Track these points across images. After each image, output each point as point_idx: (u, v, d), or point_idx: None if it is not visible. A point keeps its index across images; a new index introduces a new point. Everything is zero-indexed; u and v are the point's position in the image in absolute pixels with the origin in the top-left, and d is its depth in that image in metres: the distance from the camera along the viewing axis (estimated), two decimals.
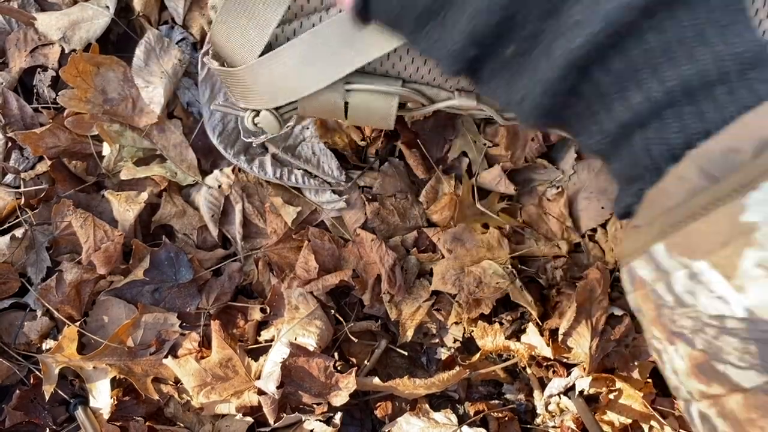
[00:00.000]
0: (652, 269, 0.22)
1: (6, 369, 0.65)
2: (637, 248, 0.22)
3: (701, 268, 0.20)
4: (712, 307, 0.20)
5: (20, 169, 0.67)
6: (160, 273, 0.67)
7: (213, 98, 0.64)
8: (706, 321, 0.20)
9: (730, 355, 0.20)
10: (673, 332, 0.22)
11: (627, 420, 0.67)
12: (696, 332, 0.21)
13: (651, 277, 0.22)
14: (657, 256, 0.22)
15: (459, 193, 0.70)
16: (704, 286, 0.20)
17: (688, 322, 0.21)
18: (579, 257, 0.73)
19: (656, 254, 0.22)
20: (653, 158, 0.22)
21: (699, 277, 0.20)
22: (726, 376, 0.20)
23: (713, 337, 0.20)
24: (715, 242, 0.20)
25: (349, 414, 0.70)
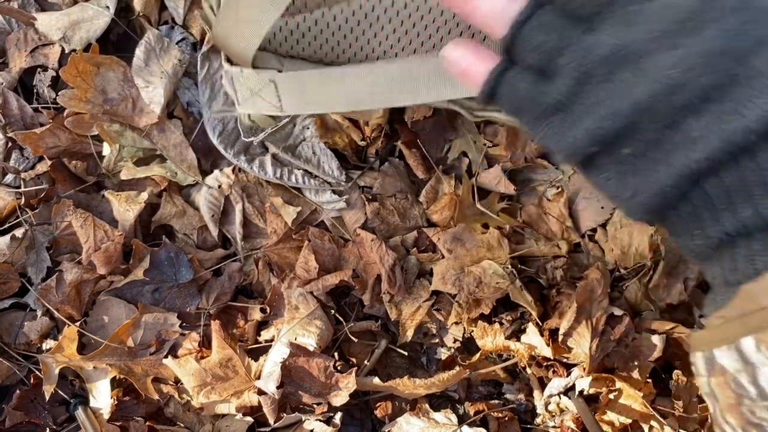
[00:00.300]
0: (737, 359, 0.24)
1: (6, 369, 0.65)
2: (726, 338, 0.24)
3: None
4: None
5: (20, 169, 0.67)
6: (160, 273, 0.67)
7: (213, 98, 0.64)
8: None
9: None
10: (750, 422, 0.24)
11: (627, 420, 0.67)
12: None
13: (735, 367, 0.24)
14: (746, 349, 0.23)
15: (459, 193, 0.70)
16: None
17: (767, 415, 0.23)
18: (579, 257, 0.73)
19: (745, 347, 0.23)
20: (756, 268, 0.23)
21: None
22: None
23: None
24: None
25: (349, 414, 0.70)
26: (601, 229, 0.73)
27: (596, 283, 0.66)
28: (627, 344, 0.69)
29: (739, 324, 0.23)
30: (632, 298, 0.72)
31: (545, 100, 0.27)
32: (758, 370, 0.23)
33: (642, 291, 0.71)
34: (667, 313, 0.72)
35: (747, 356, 0.23)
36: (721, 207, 0.24)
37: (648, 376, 0.69)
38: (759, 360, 0.23)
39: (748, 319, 0.23)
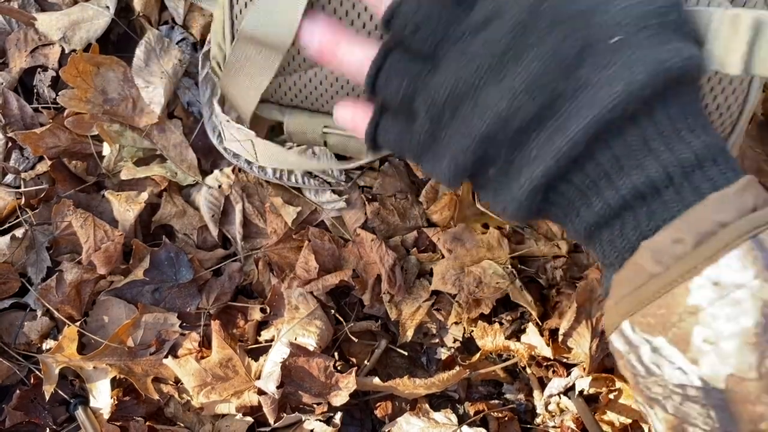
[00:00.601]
0: (623, 342, 0.26)
1: (6, 369, 0.65)
2: (612, 324, 0.26)
3: (660, 344, 0.24)
4: (675, 377, 0.23)
5: (20, 169, 0.67)
6: (160, 273, 0.67)
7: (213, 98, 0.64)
8: (672, 389, 0.24)
9: (697, 419, 0.23)
10: (649, 398, 0.25)
11: (627, 420, 0.67)
12: (666, 398, 0.24)
13: (624, 350, 0.26)
14: (625, 331, 0.25)
15: (459, 193, 0.70)
16: (665, 359, 0.24)
17: (659, 390, 0.24)
18: (579, 257, 0.73)
19: (625, 330, 0.25)
20: (618, 250, 0.26)
21: (660, 351, 0.24)
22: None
23: (679, 403, 0.24)
24: (669, 321, 0.23)
25: (349, 414, 0.70)
26: None
27: (596, 283, 0.66)
28: None
29: (615, 310, 0.26)
30: None
31: (414, 141, 0.29)
32: (639, 350, 0.25)
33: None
34: None
35: (629, 338, 0.25)
36: (578, 204, 0.26)
37: None
38: (637, 340, 0.25)
39: (620, 305, 0.25)
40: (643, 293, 0.24)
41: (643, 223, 0.24)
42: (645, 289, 0.24)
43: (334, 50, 0.31)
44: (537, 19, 0.25)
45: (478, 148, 0.27)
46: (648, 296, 0.24)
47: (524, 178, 0.26)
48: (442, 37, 0.27)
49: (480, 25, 0.26)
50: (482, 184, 0.29)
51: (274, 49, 0.41)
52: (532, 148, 0.26)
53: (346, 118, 0.33)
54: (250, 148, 0.52)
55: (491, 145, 0.26)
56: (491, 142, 0.26)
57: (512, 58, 0.25)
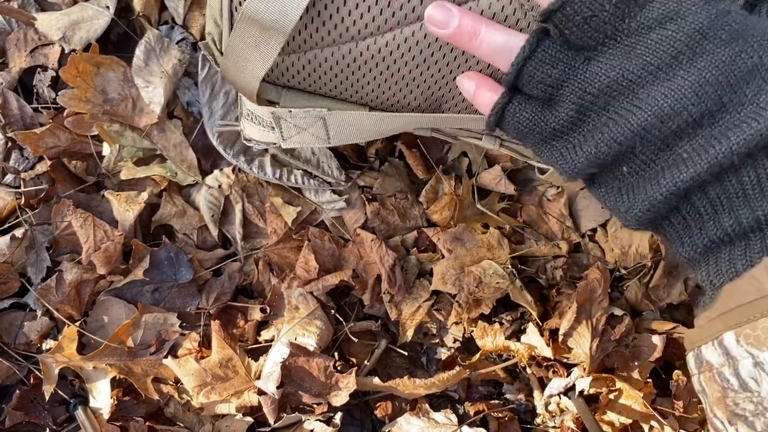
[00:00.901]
0: (720, 354, 0.26)
1: (6, 369, 0.65)
2: (710, 335, 0.26)
3: (766, 359, 0.24)
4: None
5: (20, 169, 0.67)
6: (160, 273, 0.67)
7: (213, 98, 0.64)
8: (766, 406, 0.24)
9: None
10: (735, 413, 0.25)
11: (627, 420, 0.67)
12: (757, 416, 0.24)
13: (719, 362, 0.26)
14: (728, 343, 0.25)
15: (459, 193, 0.70)
16: (767, 374, 0.24)
17: (750, 406, 0.24)
18: (579, 257, 0.73)
19: (727, 342, 0.25)
20: (736, 271, 0.26)
21: (763, 366, 0.24)
22: None
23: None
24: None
25: (349, 414, 0.70)
26: (601, 229, 0.73)
27: (596, 283, 0.66)
28: (627, 344, 0.69)
29: (720, 321, 0.26)
30: (632, 298, 0.72)
31: (548, 127, 0.30)
32: (739, 363, 0.25)
33: (642, 291, 0.71)
34: (667, 313, 0.72)
35: (729, 350, 0.25)
36: (707, 218, 0.26)
37: (648, 376, 0.69)
38: (739, 353, 0.25)
39: (728, 316, 0.25)
40: (757, 307, 0.24)
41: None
42: (760, 303, 0.24)
43: (476, 32, 0.32)
44: (718, 30, 0.25)
45: (628, 142, 0.27)
46: (762, 310, 0.24)
47: (667, 180, 0.26)
48: (614, 31, 0.27)
49: (654, 23, 0.26)
50: (607, 181, 0.29)
51: (277, 32, 0.40)
52: (682, 152, 0.26)
53: (469, 90, 0.34)
54: (320, 130, 0.49)
55: (642, 141, 0.26)
56: (643, 138, 0.26)
57: (685, 60, 0.25)
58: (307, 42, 0.42)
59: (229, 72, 0.44)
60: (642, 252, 0.71)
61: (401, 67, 0.43)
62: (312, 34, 0.41)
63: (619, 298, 0.72)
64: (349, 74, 0.44)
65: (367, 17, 0.40)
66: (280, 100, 0.48)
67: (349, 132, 0.49)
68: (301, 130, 0.49)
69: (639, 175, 0.28)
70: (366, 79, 0.45)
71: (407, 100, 0.46)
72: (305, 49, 0.43)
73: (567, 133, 0.29)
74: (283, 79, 0.46)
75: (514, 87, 0.31)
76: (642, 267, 0.71)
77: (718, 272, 0.27)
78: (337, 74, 0.44)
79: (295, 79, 0.46)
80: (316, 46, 0.43)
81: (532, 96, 0.31)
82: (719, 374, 0.26)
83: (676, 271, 0.71)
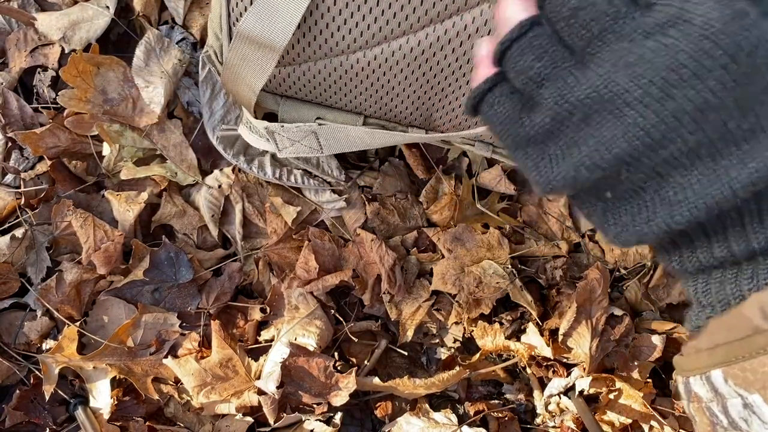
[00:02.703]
0: (708, 390, 0.25)
1: (6, 369, 0.65)
2: (697, 368, 0.25)
3: (755, 401, 0.22)
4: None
5: (20, 169, 0.67)
6: (160, 273, 0.67)
7: (213, 98, 0.64)
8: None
9: None
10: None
11: (627, 420, 0.67)
12: None
13: (707, 397, 0.25)
14: (715, 381, 0.24)
15: (459, 193, 0.70)
16: (758, 417, 0.23)
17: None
18: (579, 257, 0.73)
19: (714, 379, 0.24)
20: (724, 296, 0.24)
21: (753, 408, 0.23)
22: None
23: None
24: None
25: (349, 414, 0.70)
26: None
27: (596, 283, 0.66)
28: (627, 344, 0.69)
29: (707, 356, 0.24)
30: (632, 298, 0.72)
31: (522, 132, 0.26)
32: (728, 401, 0.24)
33: (642, 291, 0.71)
34: (667, 313, 0.72)
35: (717, 387, 0.24)
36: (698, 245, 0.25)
37: (648, 376, 0.69)
38: (727, 392, 0.23)
39: (715, 353, 0.24)
40: (746, 346, 0.22)
41: (762, 277, 0.23)
42: (749, 343, 0.22)
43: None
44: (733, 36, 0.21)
45: (610, 168, 0.23)
46: (751, 351, 0.22)
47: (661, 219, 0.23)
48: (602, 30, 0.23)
49: (656, 28, 0.22)
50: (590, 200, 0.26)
51: (271, 49, 0.42)
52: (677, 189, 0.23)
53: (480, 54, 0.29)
54: (312, 142, 0.51)
55: (627, 168, 0.23)
56: (629, 165, 0.23)
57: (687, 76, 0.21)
58: (301, 55, 0.44)
59: (228, 84, 0.47)
60: (642, 252, 0.71)
61: (390, 78, 0.45)
62: (305, 48, 0.44)
63: (619, 298, 0.72)
64: (342, 85, 0.46)
65: (355, 32, 0.42)
66: (278, 108, 0.50)
67: (340, 143, 0.51)
68: (294, 142, 0.52)
69: (626, 202, 0.24)
70: (358, 89, 0.47)
71: (399, 109, 0.48)
72: (299, 62, 0.45)
73: (544, 143, 0.25)
74: (281, 89, 0.49)
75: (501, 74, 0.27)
76: (642, 267, 0.71)
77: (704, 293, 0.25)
78: (331, 85, 0.47)
79: (292, 89, 0.48)
80: (309, 59, 0.45)
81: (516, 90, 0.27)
82: (708, 409, 0.25)
83: None
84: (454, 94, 0.46)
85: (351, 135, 0.50)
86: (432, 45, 0.42)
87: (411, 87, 0.45)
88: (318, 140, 0.51)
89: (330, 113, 0.49)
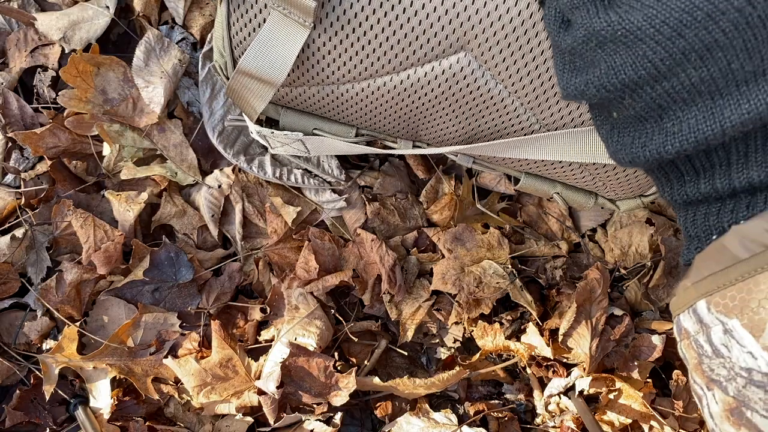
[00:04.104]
0: (695, 322, 0.26)
1: (6, 369, 0.65)
2: (686, 303, 0.27)
3: (734, 326, 0.24)
4: (742, 360, 0.24)
5: (20, 169, 0.67)
6: (160, 273, 0.67)
7: (213, 98, 0.64)
8: (738, 371, 0.24)
9: (757, 404, 0.23)
10: (711, 379, 0.26)
11: (627, 420, 0.67)
12: (729, 380, 0.25)
13: (694, 329, 0.27)
14: (700, 311, 0.26)
15: (459, 193, 0.70)
16: (736, 341, 0.24)
17: (723, 371, 0.25)
18: (579, 257, 0.73)
19: (699, 310, 0.26)
20: (708, 227, 0.26)
21: (732, 333, 0.24)
22: (753, 423, 0.24)
23: (743, 387, 0.24)
24: (747, 306, 0.23)
25: (349, 414, 0.70)
26: (600, 229, 0.73)
27: (596, 283, 0.66)
28: (627, 344, 0.69)
29: (693, 289, 0.26)
30: (632, 298, 0.72)
31: (561, 42, 0.28)
32: (711, 330, 0.25)
33: (642, 291, 0.71)
34: (667, 313, 0.72)
35: (702, 317, 0.26)
36: (687, 179, 0.26)
37: (648, 376, 0.69)
38: (711, 320, 0.25)
39: (700, 284, 0.26)
40: (726, 275, 0.24)
41: (741, 211, 0.25)
42: (729, 272, 0.24)
43: None
44: None
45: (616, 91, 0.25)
46: (731, 279, 0.24)
47: (651, 147, 0.25)
48: None
49: None
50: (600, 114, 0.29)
51: (269, 83, 0.47)
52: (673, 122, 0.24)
53: None
54: (300, 146, 0.57)
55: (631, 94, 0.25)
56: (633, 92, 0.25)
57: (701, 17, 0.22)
58: (296, 82, 0.49)
59: (232, 99, 0.51)
60: (642, 252, 0.71)
61: (377, 106, 0.50)
62: (299, 76, 0.48)
63: (619, 298, 0.72)
64: (334, 107, 0.52)
65: (344, 69, 0.46)
66: (279, 117, 0.55)
67: (325, 150, 0.57)
68: (284, 144, 0.57)
69: (628, 124, 0.27)
70: (349, 111, 0.52)
71: (387, 128, 0.53)
72: (295, 86, 0.50)
73: (571, 55, 0.28)
74: (281, 102, 0.54)
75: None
76: (642, 267, 0.71)
77: (691, 225, 0.27)
78: (324, 106, 0.52)
79: (291, 104, 0.54)
80: (304, 85, 0.49)
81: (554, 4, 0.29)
82: (695, 341, 0.26)
83: (676, 271, 0.71)
84: (437, 123, 0.50)
85: (337, 146, 0.56)
86: (413, 84, 0.46)
87: (397, 114, 0.50)
88: (305, 145, 0.56)
89: (326, 124, 0.55)
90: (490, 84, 0.45)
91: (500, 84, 0.45)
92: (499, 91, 0.45)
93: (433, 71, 0.45)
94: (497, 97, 0.46)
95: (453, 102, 0.47)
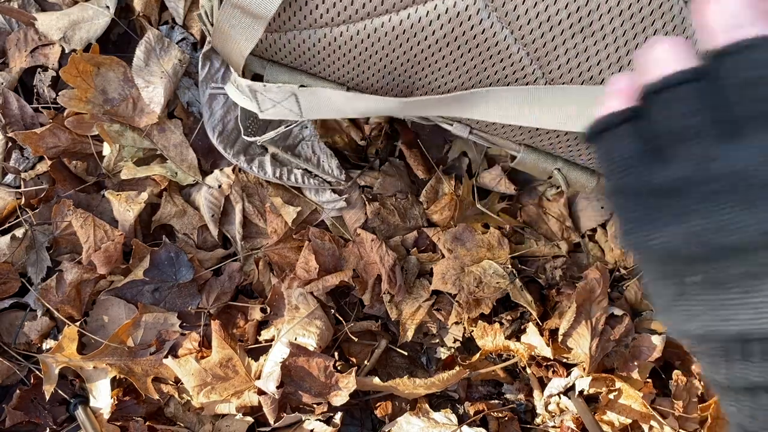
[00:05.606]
0: None
1: (6, 369, 0.65)
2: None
3: None
4: None
5: (20, 169, 0.67)
6: (160, 273, 0.67)
7: (213, 98, 0.64)
8: None
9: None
10: None
11: (627, 420, 0.67)
12: None
13: None
14: None
15: (459, 193, 0.70)
16: None
17: None
18: (579, 257, 0.73)
19: None
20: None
21: None
22: None
23: None
24: None
25: (349, 414, 0.70)
26: (601, 229, 0.73)
27: (596, 283, 0.66)
28: (627, 344, 0.69)
29: None
30: (632, 298, 0.72)
31: (650, 177, 0.23)
32: None
33: (642, 291, 0.71)
34: None
35: None
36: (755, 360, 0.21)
37: (648, 376, 0.69)
38: None
39: None
40: None
41: None
42: None
43: None
44: None
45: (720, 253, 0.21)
46: None
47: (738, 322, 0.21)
48: None
49: None
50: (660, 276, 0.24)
51: (258, 18, 0.43)
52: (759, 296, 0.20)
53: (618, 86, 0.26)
54: (293, 104, 0.51)
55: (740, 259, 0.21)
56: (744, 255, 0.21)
57: None
58: (286, 24, 0.46)
59: (218, 46, 0.48)
60: None
61: (372, 54, 0.46)
62: (290, 17, 0.45)
63: (619, 298, 0.72)
64: (326, 55, 0.48)
65: (339, 6, 0.43)
66: (264, 72, 0.51)
67: (319, 108, 0.52)
68: (275, 104, 0.52)
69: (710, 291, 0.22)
70: (341, 61, 0.48)
71: (380, 84, 0.49)
72: (285, 30, 0.46)
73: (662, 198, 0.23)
74: (267, 54, 0.50)
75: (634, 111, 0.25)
76: None
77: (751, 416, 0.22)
78: (315, 55, 0.48)
79: (278, 55, 0.50)
80: (294, 28, 0.46)
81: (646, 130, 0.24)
82: None
83: None
84: (434, 75, 0.47)
85: (331, 99, 0.51)
86: (413, 25, 0.43)
87: (392, 63, 0.47)
88: (298, 102, 0.51)
89: (314, 81, 0.51)
90: (495, 27, 0.42)
91: (506, 28, 0.42)
92: (505, 37, 0.42)
93: (435, 9, 0.41)
94: (502, 43, 0.43)
95: (454, 49, 0.44)
